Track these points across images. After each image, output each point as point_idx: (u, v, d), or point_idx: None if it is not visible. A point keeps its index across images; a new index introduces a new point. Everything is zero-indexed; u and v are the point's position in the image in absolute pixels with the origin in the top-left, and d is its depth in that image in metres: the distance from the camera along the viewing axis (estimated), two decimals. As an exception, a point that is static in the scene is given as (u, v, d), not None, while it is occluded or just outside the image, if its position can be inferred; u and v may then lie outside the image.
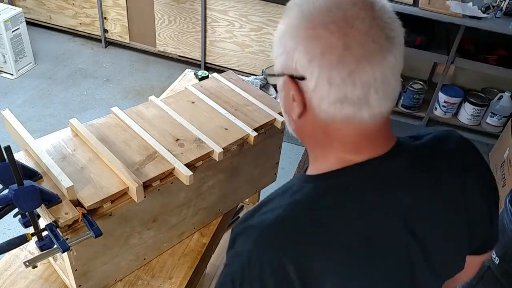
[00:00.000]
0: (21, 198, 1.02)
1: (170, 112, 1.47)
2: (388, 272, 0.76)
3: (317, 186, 0.76)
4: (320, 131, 0.75)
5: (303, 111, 0.74)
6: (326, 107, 0.70)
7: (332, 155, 0.77)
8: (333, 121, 0.72)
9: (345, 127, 0.73)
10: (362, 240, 0.73)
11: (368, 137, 0.75)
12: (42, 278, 1.31)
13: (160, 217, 1.34)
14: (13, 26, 3.43)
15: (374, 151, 0.76)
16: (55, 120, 3.20)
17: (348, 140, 0.75)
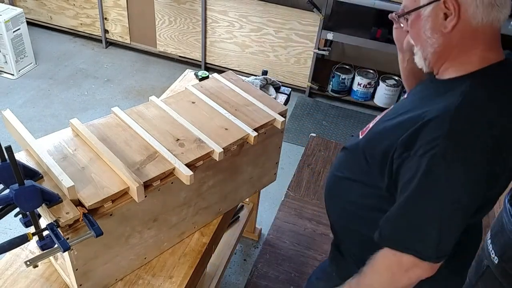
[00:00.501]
0: (22, 197, 1.02)
1: (171, 112, 1.47)
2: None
3: (474, 83, 0.96)
4: (469, 37, 0.96)
5: (456, 22, 0.94)
6: (480, 12, 0.92)
7: (475, 56, 0.97)
8: (482, 25, 0.94)
9: (489, 29, 0.95)
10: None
11: (498, 38, 0.98)
12: (43, 278, 1.32)
13: (161, 216, 1.34)
14: (13, 27, 3.44)
15: (500, 52, 0.99)
16: (56, 120, 3.21)
17: (489, 40, 0.96)
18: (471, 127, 0.91)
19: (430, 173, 0.92)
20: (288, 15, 3.34)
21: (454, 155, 0.90)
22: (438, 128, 0.91)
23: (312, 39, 3.36)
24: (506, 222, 1.64)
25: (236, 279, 2.28)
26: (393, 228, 1.01)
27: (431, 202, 0.94)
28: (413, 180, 0.94)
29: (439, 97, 0.97)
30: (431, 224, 0.95)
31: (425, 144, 0.92)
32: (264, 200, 2.68)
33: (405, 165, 0.96)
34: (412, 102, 1.06)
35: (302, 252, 2.42)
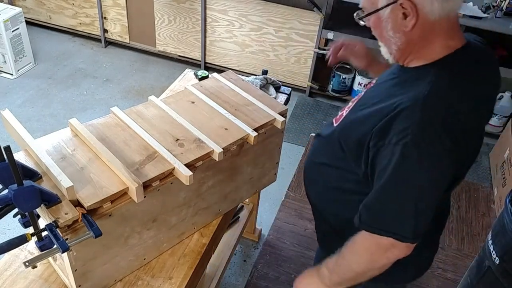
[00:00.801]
0: (21, 198, 1.01)
1: (170, 112, 1.47)
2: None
3: (437, 73, 1.03)
4: (429, 31, 1.02)
5: (416, 21, 0.99)
6: (436, 8, 0.97)
7: (437, 46, 1.04)
8: (440, 18, 0.99)
9: (446, 21, 1.01)
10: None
11: (457, 26, 1.05)
12: (41, 278, 1.31)
13: (160, 217, 1.33)
14: (12, 26, 3.43)
15: (461, 37, 1.07)
16: (54, 120, 3.20)
17: (449, 30, 1.03)
18: (438, 116, 0.98)
19: (403, 160, 0.98)
20: (288, 14, 3.33)
21: (424, 142, 0.97)
22: (409, 117, 0.98)
23: (313, 38, 3.36)
24: (507, 222, 1.63)
25: (236, 280, 2.28)
26: (372, 213, 1.06)
27: (406, 187, 1.01)
28: (388, 167, 1.00)
29: (408, 86, 1.04)
30: (408, 208, 1.02)
31: (397, 133, 0.98)
32: (264, 200, 2.67)
33: (380, 153, 1.02)
34: (384, 91, 1.11)
35: (302, 253, 2.42)
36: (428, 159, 0.99)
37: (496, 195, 2.88)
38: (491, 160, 3.20)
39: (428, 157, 0.98)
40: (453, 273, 2.41)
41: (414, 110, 0.98)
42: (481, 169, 3.16)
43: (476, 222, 2.73)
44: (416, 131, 0.97)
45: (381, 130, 1.01)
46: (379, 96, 1.10)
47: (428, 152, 0.98)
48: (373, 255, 1.09)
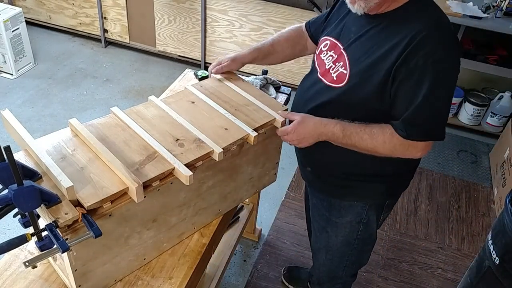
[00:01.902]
0: (21, 198, 1.01)
1: (170, 112, 1.46)
2: None
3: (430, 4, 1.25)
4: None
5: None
6: None
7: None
8: None
9: None
10: None
11: None
12: (42, 278, 1.31)
13: (160, 217, 1.33)
14: (12, 26, 3.43)
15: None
16: (54, 120, 3.20)
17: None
18: (452, 36, 1.22)
19: (435, 75, 1.17)
20: (288, 14, 3.33)
21: (448, 57, 1.19)
22: (429, 41, 1.16)
23: (312, 38, 3.36)
24: (507, 222, 1.63)
25: (236, 280, 2.28)
26: (418, 126, 1.23)
27: (441, 97, 1.21)
28: (422, 84, 1.18)
29: (407, 22, 1.21)
30: (443, 113, 1.25)
31: (423, 55, 1.16)
32: (264, 200, 2.67)
33: (408, 77, 1.18)
34: (374, 39, 1.26)
35: (302, 253, 2.42)
36: (452, 71, 1.20)
37: (496, 195, 2.88)
38: (491, 160, 3.20)
39: (451, 69, 1.20)
40: (453, 273, 2.41)
41: (432, 34, 1.17)
42: (481, 169, 3.16)
43: (476, 222, 2.73)
44: (439, 50, 1.16)
45: (404, 59, 1.17)
46: (373, 45, 1.25)
47: (452, 64, 1.20)
48: (398, 148, 1.26)
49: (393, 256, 2.47)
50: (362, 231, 1.55)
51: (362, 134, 1.28)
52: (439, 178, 3.04)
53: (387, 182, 1.46)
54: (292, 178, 2.88)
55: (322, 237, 1.65)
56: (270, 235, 2.51)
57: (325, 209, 1.57)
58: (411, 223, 2.68)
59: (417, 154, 1.29)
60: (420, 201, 2.84)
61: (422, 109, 1.21)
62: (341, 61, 1.33)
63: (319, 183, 1.57)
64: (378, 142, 1.27)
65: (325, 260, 1.70)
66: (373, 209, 1.51)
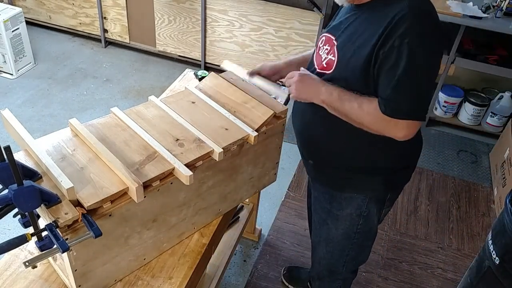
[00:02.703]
0: (21, 198, 1.01)
1: (170, 112, 1.46)
2: None
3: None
4: None
5: None
6: None
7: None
8: None
9: None
10: None
11: None
12: (42, 278, 1.31)
13: (160, 217, 1.33)
14: (12, 26, 3.43)
15: None
16: (54, 120, 3.20)
17: None
18: (430, 15, 1.24)
19: (411, 53, 1.20)
20: (288, 14, 3.33)
21: (424, 36, 1.21)
22: (406, 21, 1.20)
23: (313, 38, 3.36)
24: (507, 222, 1.63)
25: (236, 280, 2.27)
26: (394, 103, 1.24)
27: (418, 74, 1.23)
28: (399, 63, 1.21)
29: (389, 6, 1.24)
30: (421, 92, 1.26)
31: (399, 35, 1.20)
32: (264, 200, 2.67)
33: (387, 56, 1.22)
34: (360, 25, 1.31)
35: (302, 253, 2.42)
36: (429, 51, 1.22)
37: (496, 195, 2.88)
38: (491, 160, 3.20)
39: (428, 49, 1.22)
40: (453, 273, 2.41)
41: (409, 15, 1.20)
42: (481, 169, 3.16)
43: (476, 222, 2.73)
44: (414, 30, 1.20)
45: (383, 41, 1.22)
46: (357, 31, 1.31)
47: (430, 45, 1.22)
48: (379, 123, 1.28)
49: (393, 256, 2.47)
50: (362, 224, 1.57)
51: (353, 102, 1.31)
52: (439, 178, 3.04)
53: (386, 175, 1.48)
54: (292, 178, 2.88)
55: (322, 229, 1.66)
56: (270, 235, 2.51)
57: (327, 201, 1.59)
58: (411, 223, 2.68)
59: (399, 133, 1.29)
60: (420, 201, 2.84)
61: (399, 88, 1.23)
62: (331, 50, 1.39)
63: (321, 175, 1.59)
64: (364, 112, 1.30)
65: (325, 253, 1.71)
66: (373, 202, 1.53)
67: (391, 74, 1.23)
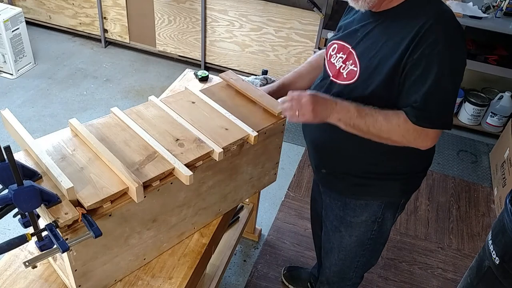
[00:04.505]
0: (21, 198, 1.01)
1: (170, 112, 1.46)
2: None
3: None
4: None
5: None
6: None
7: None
8: None
9: None
10: None
11: None
12: (42, 278, 1.31)
13: (160, 217, 1.33)
14: (12, 26, 3.43)
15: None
16: (54, 120, 3.20)
17: None
18: (457, 26, 1.24)
19: (441, 63, 1.20)
20: (288, 14, 3.33)
21: (452, 46, 1.21)
22: (434, 31, 1.20)
23: (313, 38, 3.36)
24: (507, 222, 1.63)
25: (236, 280, 2.28)
26: (425, 112, 1.24)
27: (447, 85, 1.23)
28: (429, 72, 1.21)
29: (413, 15, 1.24)
30: (449, 102, 1.27)
31: (429, 45, 1.19)
32: (264, 200, 2.67)
33: (415, 66, 1.21)
34: (380, 35, 1.29)
35: (302, 253, 2.42)
36: (457, 60, 1.24)
37: (496, 195, 2.88)
38: (491, 160, 3.20)
39: (457, 59, 1.24)
40: (453, 273, 2.41)
41: (438, 24, 1.20)
42: (481, 169, 3.16)
43: (476, 222, 2.73)
44: (444, 39, 1.20)
45: (412, 50, 1.21)
46: (381, 40, 1.28)
47: (458, 54, 1.23)
48: (411, 134, 1.27)
49: (393, 256, 2.47)
50: (376, 230, 1.55)
51: (377, 115, 1.28)
52: (439, 178, 3.04)
53: (403, 180, 1.47)
54: (292, 178, 2.88)
55: (335, 236, 1.63)
56: (270, 235, 2.51)
57: (340, 209, 1.56)
58: (411, 223, 2.68)
59: (427, 143, 1.30)
60: (420, 201, 2.84)
61: (430, 97, 1.23)
62: (350, 59, 1.35)
63: (334, 183, 1.55)
64: (393, 124, 1.27)
65: (337, 260, 1.69)
66: (388, 207, 1.51)
67: (421, 83, 1.22)
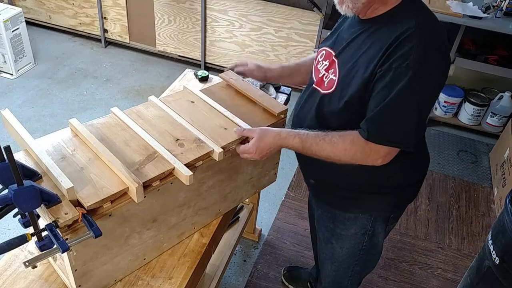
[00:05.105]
0: (21, 198, 1.01)
1: (170, 112, 1.47)
2: None
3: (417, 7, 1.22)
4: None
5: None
6: None
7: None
8: None
9: None
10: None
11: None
12: (42, 278, 1.31)
13: (160, 217, 1.33)
14: (12, 26, 3.43)
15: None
16: (54, 120, 3.20)
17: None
18: (435, 39, 1.17)
19: (406, 77, 1.13)
20: (288, 14, 3.33)
21: (423, 61, 1.14)
22: (408, 43, 1.14)
23: (313, 38, 3.36)
24: (507, 222, 1.63)
25: (236, 280, 2.28)
26: (379, 126, 1.19)
27: (409, 100, 1.16)
28: (392, 85, 1.15)
29: (393, 25, 1.19)
30: (411, 119, 1.18)
31: (399, 57, 1.14)
32: (264, 200, 2.67)
33: (382, 76, 1.16)
34: (362, 43, 1.25)
35: (302, 253, 2.42)
36: (430, 77, 1.15)
37: (496, 195, 2.88)
38: (491, 160, 3.20)
39: (430, 75, 1.15)
40: (453, 273, 2.41)
41: (412, 37, 1.14)
42: (481, 169, 3.16)
43: (476, 222, 2.73)
44: (416, 52, 1.13)
45: (384, 60, 1.16)
46: (361, 49, 1.24)
47: (432, 70, 1.15)
48: (359, 155, 1.24)
49: (393, 256, 2.47)
50: (367, 242, 1.52)
51: (321, 144, 1.27)
52: (439, 178, 3.04)
53: (391, 194, 1.43)
54: (292, 178, 2.88)
55: (327, 248, 1.62)
56: (270, 235, 2.51)
57: (329, 221, 1.54)
58: (411, 223, 2.68)
59: (378, 161, 1.24)
60: (420, 201, 2.84)
61: (386, 111, 1.17)
62: (332, 68, 1.33)
63: (323, 195, 1.54)
64: (339, 150, 1.25)
65: (330, 271, 1.67)
66: (378, 221, 1.48)
67: (382, 95, 1.17)
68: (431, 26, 1.19)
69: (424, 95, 1.18)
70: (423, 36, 1.15)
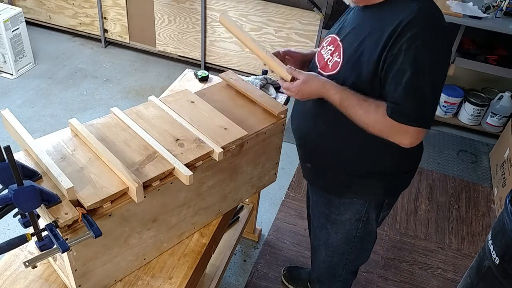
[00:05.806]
0: (21, 198, 1.01)
1: (170, 112, 1.47)
2: None
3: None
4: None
5: None
6: None
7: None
8: None
9: None
10: None
11: None
12: (42, 278, 1.31)
13: (160, 217, 1.33)
14: (12, 26, 3.43)
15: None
16: (54, 120, 3.20)
17: None
18: (437, 20, 1.24)
19: (418, 59, 1.20)
20: (288, 14, 3.33)
21: (432, 41, 1.21)
22: (414, 26, 1.19)
23: (313, 38, 3.36)
24: (507, 222, 1.63)
25: (236, 280, 2.28)
26: (401, 107, 1.24)
27: (425, 81, 1.22)
28: (406, 67, 1.20)
29: (397, 10, 1.24)
30: (429, 98, 1.24)
31: (407, 39, 1.19)
32: (264, 200, 2.67)
33: (394, 60, 1.21)
34: (365, 28, 1.30)
35: (302, 253, 2.42)
36: (437, 57, 1.22)
37: (496, 195, 2.88)
38: (491, 160, 3.20)
39: (437, 55, 1.22)
40: (453, 273, 2.41)
41: (418, 19, 1.20)
42: (481, 169, 3.16)
43: (476, 222, 2.73)
44: (424, 34, 1.19)
45: (391, 45, 1.21)
46: (365, 32, 1.29)
47: (438, 51, 1.22)
48: (387, 130, 1.28)
49: (393, 256, 2.47)
50: (361, 228, 1.57)
51: (357, 108, 1.30)
52: (439, 178, 3.04)
53: (386, 180, 1.47)
54: (292, 178, 2.88)
55: (321, 234, 1.66)
56: (270, 235, 2.51)
57: (325, 206, 1.59)
58: (411, 223, 2.68)
59: (407, 140, 1.28)
60: (420, 201, 2.84)
61: (406, 93, 1.22)
62: (337, 51, 1.38)
63: (319, 179, 1.58)
64: (371, 119, 1.29)
65: (325, 257, 1.71)
66: (372, 207, 1.52)
67: (398, 79, 1.23)
68: (432, 11, 1.24)
69: (435, 74, 1.24)
70: (426, 18, 1.21)
